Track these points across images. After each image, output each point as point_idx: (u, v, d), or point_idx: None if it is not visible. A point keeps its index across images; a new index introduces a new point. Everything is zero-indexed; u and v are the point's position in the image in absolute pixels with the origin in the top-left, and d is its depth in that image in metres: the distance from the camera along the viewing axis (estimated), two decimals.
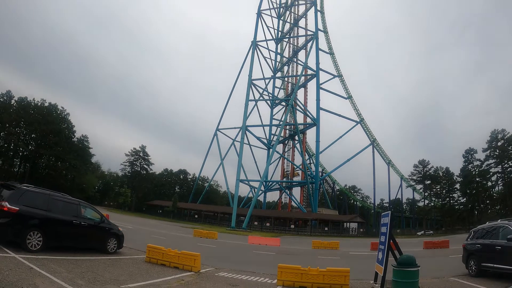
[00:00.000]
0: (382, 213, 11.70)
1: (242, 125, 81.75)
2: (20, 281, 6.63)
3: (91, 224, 12.53)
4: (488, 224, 12.85)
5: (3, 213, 9.77)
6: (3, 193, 10.56)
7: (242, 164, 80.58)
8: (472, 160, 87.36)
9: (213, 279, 10.91)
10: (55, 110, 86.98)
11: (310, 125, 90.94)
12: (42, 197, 11.12)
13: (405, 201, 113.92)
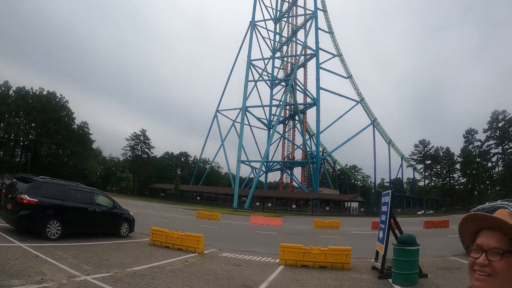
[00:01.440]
0: (382, 193, 11.78)
1: (242, 106, 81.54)
2: (27, 269, 6.73)
3: (104, 210, 13.01)
4: (488, 205, 12.90)
5: (23, 205, 10.20)
6: (20, 186, 11.00)
7: (242, 145, 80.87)
8: (472, 140, 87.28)
9: (216, 259, 11.09)
10: (53, 98, 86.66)
11: (310, 105, 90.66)
12: (58, 188, 11.57)
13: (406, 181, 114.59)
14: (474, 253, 1.17)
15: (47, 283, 6.08)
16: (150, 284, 7.07)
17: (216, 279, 8.23)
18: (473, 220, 1.23)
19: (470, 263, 1.18)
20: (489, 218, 1.18)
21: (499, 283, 1.10)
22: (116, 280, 7.05)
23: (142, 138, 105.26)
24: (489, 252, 1.12)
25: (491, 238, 1.15)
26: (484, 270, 1.11)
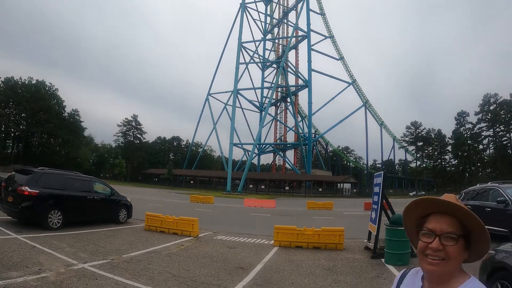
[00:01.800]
0: (375, 174, 11.90)
1: (234, 89, 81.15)
2: (25, 261, 6.77)
3: (103, 197, 13.32)
4: (478, 186, 13.08)
5: (24, 197, 10.37)
6: (19, 178, 11.14)
7: (235, 128, 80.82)
8: (464, 123, 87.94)
9: (211, 242, 11.21)
10: (43, 87, 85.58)
11: (302, 86, 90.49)
12: (57, 178, 11.79)
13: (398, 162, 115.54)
14: (425, 238, 1.21)
15: (45, 273, 6.13)
16: (147, 269, 7.16)
17: (212, 261, 8.35)
18: (422, 204, 1.26)
19: (421, 247, 1.22)
20: (441, 202, 1.22)
21: (451, 266, 1.17)
22: (113, 267, 7.13)
23: (134, 123, 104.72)
24: (443, 237, 1.17)
25: (443, 223, 1.20)
26: (438, 255, 1.16)
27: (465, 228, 1.21)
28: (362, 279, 6.99)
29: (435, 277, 1.21)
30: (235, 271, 7.53)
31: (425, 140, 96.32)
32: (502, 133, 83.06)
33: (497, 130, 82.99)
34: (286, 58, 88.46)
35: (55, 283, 5.65)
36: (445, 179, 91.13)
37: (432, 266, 1.18)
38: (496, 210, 10.66)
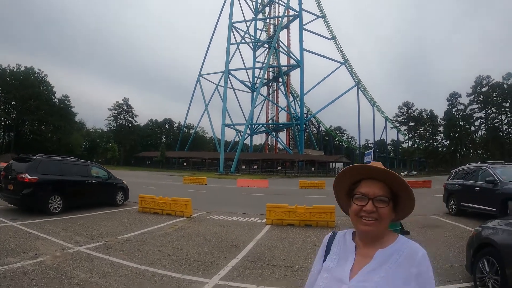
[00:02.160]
0: (365, 152, 12.05)
1: (225, 69, 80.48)
2: (21, 247, 6.84)
3: (100, 181, 13.58)
4: (468, 166, 13.26)
5: (25, 184, 10.59)
6: (18, 166, 11.34)
7: (227, 109, 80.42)
8: (456, 104, 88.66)
9: (205, 222, 11.35)
10: (32, 74, 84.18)
11: (294, 66, 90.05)
12: (55, 164, 12.02)
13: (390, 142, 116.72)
14: (358, 201, 1.33)
15: (41, 257, 6.21)
16: (141, 249, 7.27)
17: (205, 240, 8.49)
18: (354, 171, 1.39)
19: (355, 210, 1.33)
20: (372, 168, 1.33)
21: (383, 226, 1.31)
22: (109, 248, 7.23)
23: (125, 107, 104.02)
24: (375, 200, 1.30)
25: (374, 187, 1.32)
26: (372, 216, 1.29)
27: (393, 191, 1.34)
28: None
29: (369, 236, 1.34)
30: (228, 249, 7.68)
31: (417, 121, 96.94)
32: (493, 115, 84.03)
33: (488, 112, 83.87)
34: (277, 38, 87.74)
35: (52, 267, 5.74)
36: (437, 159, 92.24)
37: (367, 226, 1.30)
38: (485, 190, 10.83)
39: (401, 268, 1.27)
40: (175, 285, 5.23)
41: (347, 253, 1.39)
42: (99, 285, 5.02)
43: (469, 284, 5.15)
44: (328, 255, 1.44)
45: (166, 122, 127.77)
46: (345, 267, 1.34)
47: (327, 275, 1.36)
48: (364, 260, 1.32)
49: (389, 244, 1.34)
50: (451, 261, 6.51)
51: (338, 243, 1.46)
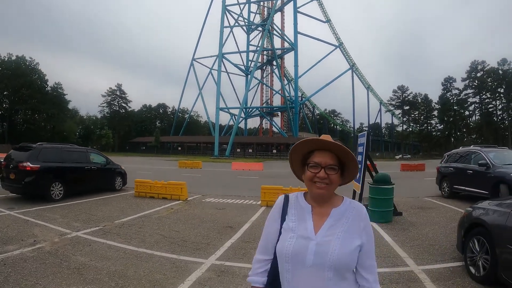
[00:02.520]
0: (358, 134, 12.12)
1: (219, 53, 79.74)
2: (20, 234, 6.88)
3: (99, 167, 13.83)
4: (461, 149, 13.38)
5: (27, 172, 10.78)
6: (19, 155, 11.50)
7: (221, 93, 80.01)
8: (450, 88, 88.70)
9: (200, 205, 11.47)
10: (23, 62, 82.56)
11: (288, 49, 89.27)
12: (56, 151, 12.20)
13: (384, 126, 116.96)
14: (312, 169, 1.55)
15: (40, 244, 6.27)
16: (138, 233, 7.36)
17: (202, 222, 8.60)
18: (308, 143, 1.60)
19: (310, 176, 1.56)
20: (324, 141, 1.56)
21: (333, 189, 1.57)
22: (106, 233, 7.31)
23: (118, 93, 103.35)
24: (327, 168, 1.53)
25: (325, 157, 1.55)
26: (324, 181, 1.53)
27: (341, 161, 1.58)
28: None
29: (322, 198, 1.59)
30: (224, 230, 7.80)
31: (411, 104, 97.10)
32: (488, 100, 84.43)
33: (483, 97, 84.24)
34: (271, 21, 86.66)
35: (51, 252, 5.81)
36: (431, 143, 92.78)
37: (320, 190, 1.54)
38: (478, 173, 10.99)
39: (354, 223, 1.56)
40: (172, 266, 5.33)
41: (304, 213, 1.60)
42: (98, 268, 5.10)
43: (460, 264, 5.27)
44: (287, 217, 1.63)
45: (160, 107, 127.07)
46: (307, 225, 1.56)
47: (293, 235, 1.54)
48: (321, 219, 1.58)
49: (339, 203, 1.62)
50: (442, 242, 6.64)
51: (294, 206, 1.65)
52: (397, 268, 5.21)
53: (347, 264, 1.49)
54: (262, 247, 1.70)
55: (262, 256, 1.69)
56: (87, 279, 4.68)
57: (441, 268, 5.18)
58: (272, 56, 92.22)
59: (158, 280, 4.72)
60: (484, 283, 4.44)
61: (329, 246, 1.48)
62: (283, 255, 1.53)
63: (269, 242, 1.66)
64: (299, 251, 1.49)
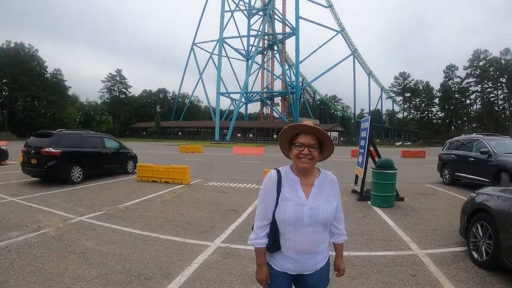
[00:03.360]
0: (362, 119, 12.09)
1: (219, 38, 79.12)
2: (23, 220, 6.89)
3: (113, 151, 14.54)
4: (463, 137, 13.33)
5: (49, 157, 11.43)
6: (39, 141, 12.02)
7: (221, 77, 79.68)
8: (452, 76, 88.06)
9: (203, 189, 11.51)
10: (22, 49, 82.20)
11: (289, 34, 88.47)
12: (74, 137, 12.86)
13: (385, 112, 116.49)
14: (298, 148, 1.97)
15: (44, 229, 6.29)
16: (142, 216, 7.40)
17: (205, 205, 8.66)
18: (294, 128, 2.01)
19: (296, 153, 1.98)
20: (306, 126, 1.97)
21: (314, 163, 2.00)
22: (110, 217, 7.35)
23: (118, 78, 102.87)
24: (309, 147, 1.95)
25: (308, 138, 1.97)
26: (307, 157, 1.96)
27: (320, 141, 2.00)
28: (349, 219, 7.32)
29: (306, 171, 2.03)
30: (227, 213, 7.85)
31: (413, 92, 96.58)
32: (489, 89, 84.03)
33: (485, 86, 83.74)
34: (273, 5, 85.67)
35: (55, 237, 5.83)
36: (431, 131, 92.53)
37: (305, 164, 1.97)
38: (479, 161, 10.99)
39: (331, 189, 2.09)
40: (178, 249, 5.38)
41: (295, 185, 2.03)
42: (104, 252, 5.13)
43: (462, 249, 5.31)
44: (282, 189, 2.03)
45: (161, 92, 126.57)
46: (299, 194, 2.00)
47: (291, 203, 1.97)
48: (308, 188, 2.04)
49: (319, 175, 2.09)
50: (445, 227, 6.69)
51: (286, 179, 2.05)
52: (401, 251, 5.25)
53: (331, 220, 2.06)
54: (262, 215, 2.08)
55: (262, 222, 2.08)
56: (93, 263, 4.71)
57: (444, 252, 5.22)
58: (273, 41, 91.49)
59: (164, 263, 4.76)
60: (487, 268, 4.48)
61: (319, 208, 1.98)
62: (285, 220, 1.97)
63: (268, 210, 2.05)
64: (298, 215, 1.95)
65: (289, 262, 2.04)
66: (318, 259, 2.06)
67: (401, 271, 4.48)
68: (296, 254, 2.01)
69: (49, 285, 3.97)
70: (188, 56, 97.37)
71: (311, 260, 2.04)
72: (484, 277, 4.27)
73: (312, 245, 2.01)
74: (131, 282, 4.10)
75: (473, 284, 4.07)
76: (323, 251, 2.09)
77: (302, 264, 2.03)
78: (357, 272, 4.46)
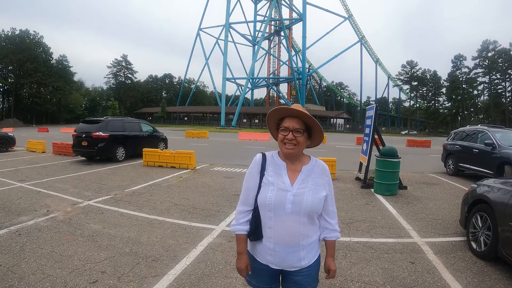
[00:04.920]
0: (367, 107, 12.11)
1: (225, 23, 78.37)
2: (32, 205, 7.03)
3: (148, 134, 16.83)
4: (468, 128, 13.28)
5: (99, 140, 13.78)
6: (88, 127, 14.24)
7: (227, 63, 79.14)
8: (460, 66, 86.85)
9: (209, 173, 11.67)
10: (27, 36, 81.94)
11: (296, 20, 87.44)
12: (118, 123, 15.22)
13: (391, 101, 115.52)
14: (283, 132, 1.87)
15: (53, 213, 6.44)
16: (149, 200, 7.56)
17: (210, 190, 8.80)
18: (279, 110, 1.91)
19: (281, 138, 1.88)
20: (292, 109, 1.85)
21: (300, 149, 1.88)
22: (117, 201, 7.51)
23: (124, 63, 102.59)
24: (294, 131, 1.84)
25: (293, 122, 1.85)
26: (292, 142, 1.84)
27: (307, 126, 1.88)
28: (352, 206, 7.43)
29: (291, 156, 1.91)
30: (233, 198, 8.00)
31: (420, 80, 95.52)
32: (497, 81, 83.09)
33: (493, 77, 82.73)
34: None
35: (64, 221, 5.98)
36: (437, 120, 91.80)
37: (289, 149, 1.86)
38: (483, 152, 10.98)
39: (321, 177, 1.94)
40: (184, 232, 5.53)
41: (281, 170, 1.92)
42: (112, 235, 5.28)
43: (462, 239, 5.40)
44: (265, 172, 1.94)
45: (166, 77, 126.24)
46: (284, 179, 1.89)
47: (273, 187, 1.87)
48: (295, 174, 1.92)
49: (307, 162, 1.97)
50: (446, 217, 6.76)
51: (271, 163, 1.97)
52: (401, 239, 5.36)
53: (317, 210, 1.89)
54: (244, 199, 2.00)
55: (244, 207, 1.99)
56: (101, 245, 4.86)
57: (443, 241, 5.31)
58: (280, 27, 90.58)
59: (171, 245, 4.90)
60: (485, 259, 4.56)
61: (303, 196, 1.84)
62: (266, 205, 1.86)
63: (250, 195, 1.96)
64: (280, 200, 1.83)
65: (268, 254, 1.90)
66: (303, 255, 1.90)
67: (401, 258, 4.60)
68: (275, 245, 1.87)
69: (60, 266, 4.12)
70: (194, 41, 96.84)
71: (293, 255, 1.88)
72: (481, 268, 4.35)
73: (294, 236, 1.86)
74: (138, 264, 4.25)
75: (471, 273, 4.16)
76: (309, 246, 1.92)
77: (284, 258, 1.88)
78: (357, 258, 4.58)
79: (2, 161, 14.14)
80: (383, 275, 4.06)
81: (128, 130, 15.38)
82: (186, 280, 3.86)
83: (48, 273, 3.92)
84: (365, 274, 4.09)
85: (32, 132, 41.08)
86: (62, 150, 16.79)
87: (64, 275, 3.88)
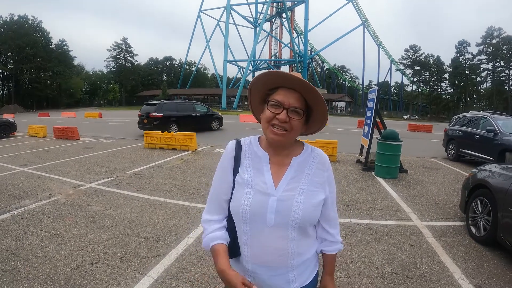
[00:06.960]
0: (369, 90, 12.05)
1: (227, 4, 77.44)
2: (34, 189, 7.08)
3: (201, 114, 20.42)
4: (470, 114, 13.22)
5: (155, 119, 17.33)
6: (148, 108, 18.03)
7: (228, 45, 78.45)
8: (464, 52, 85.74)
9: (210, 155, 11.75)
10: (26, 22, 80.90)
11: (299, 2, 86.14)
12: (172, 105, 18.81)
13: (393, 85, 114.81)
14: (273, 109, 1.25)
15: (55, 196, 6.49)
16: (150, 182, 7.61)
17: (211, 172, 8.75)
18: (272, 76, 1.26)
19: (268, 117, 1.25)
20: (291, 76, 1.21)
21: (292, 137, 1.29)
22: (119, 183, 7.56)
23: (124, 46, 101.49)
24: (290, 110, 1.23)
25: (291, 97, 1.24)
26: (283, 126, 1.23)
27: (308, 105, 1.28)
28: (353, 188, 7.47)
29: (278, 145, 1.32)
30: None
31: (423, 65, 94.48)
32: (501, 68, 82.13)
33: (496, 64, 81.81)
34: None
35: (66, 204, 6.04)
36: (440, 106, 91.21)
37: (276, 136, 1.25)
38: (485, 138, 10.94)
39: (318, 173, 1.36)
40: (185, 212, 5.59)
41: (261, 163, 1.36)
42: (114, 216, 5.34)
43: (461, 223, 5.43)
44: (240, 167, 1.38)
45: (167, 60, 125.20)
46: (265, 178, 1.33)
47: (249, 190, 1.31)
48: (280, 169, 1.35)
49: (300, 151, 1.38)
50: (446, 201, 6.79)
51: (248, 154, 1.40)
52: (401, 222, 5.40)
53: (311, 221, 1.35)
54: (212, 205, 1.44)
55: (211, 216, 1.43)
56: (103, 226, 4.92)
57: (443, 225, 5.35)
58: (282, 8, 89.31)
59: (172, 226, 4.96)
60: (484, 244, 4.59)
61: (292, 202, 1.28)
62: (240, 214, 1.31)
63: (220, 199, 1.41)
64: (258, 210, 1.28)
65: (247, 275, 1.36)
66: (293, 277, 1.35)
67: (400, 240, 4.64)
68: (254, 266, 1.34)
69: (62, 248, 4.18)
70: (195, 23, 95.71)
71: (279, 278, 1.34)
72: (480, 252, 4.39)
73: (279, 255, 1.31)
74: (140, 244, 4.30)
75: (469, 257, 4.20)
76: (302, 266, 1.37)
77: (265, 281, 1.34)
78: (357, 239, 4.62)
79: (3, 147, 14.19)
80: (383, 257, 4.10)
81: (181, 111, 18.79)
82: (187, 259, 3.91)
83: (51, 255, 3.98)
84: (365, 255, 4.14)
85: (33, 117, 41.00)
86: (63, 134, 16.79)
87: (67, 257, 3.93)
